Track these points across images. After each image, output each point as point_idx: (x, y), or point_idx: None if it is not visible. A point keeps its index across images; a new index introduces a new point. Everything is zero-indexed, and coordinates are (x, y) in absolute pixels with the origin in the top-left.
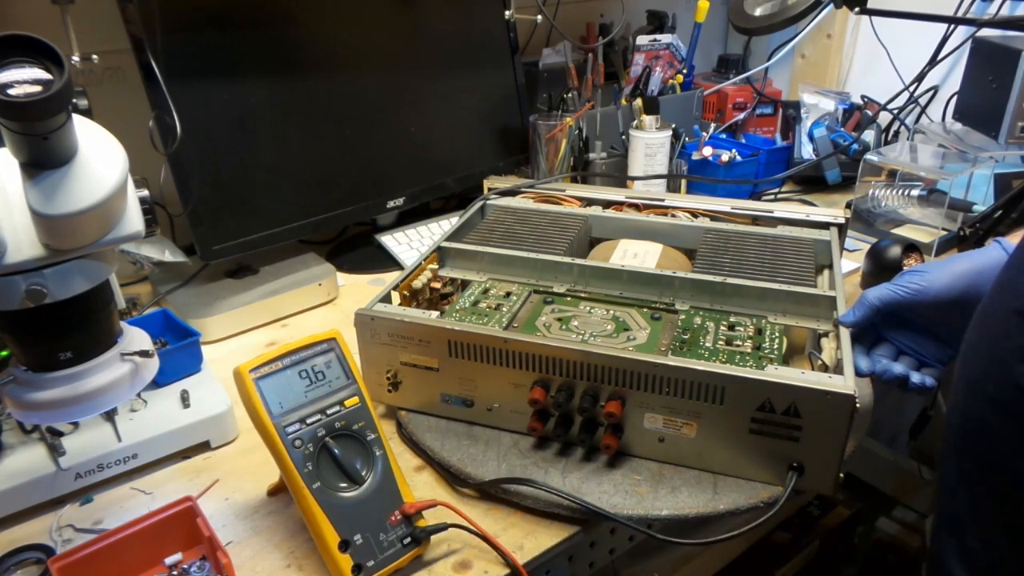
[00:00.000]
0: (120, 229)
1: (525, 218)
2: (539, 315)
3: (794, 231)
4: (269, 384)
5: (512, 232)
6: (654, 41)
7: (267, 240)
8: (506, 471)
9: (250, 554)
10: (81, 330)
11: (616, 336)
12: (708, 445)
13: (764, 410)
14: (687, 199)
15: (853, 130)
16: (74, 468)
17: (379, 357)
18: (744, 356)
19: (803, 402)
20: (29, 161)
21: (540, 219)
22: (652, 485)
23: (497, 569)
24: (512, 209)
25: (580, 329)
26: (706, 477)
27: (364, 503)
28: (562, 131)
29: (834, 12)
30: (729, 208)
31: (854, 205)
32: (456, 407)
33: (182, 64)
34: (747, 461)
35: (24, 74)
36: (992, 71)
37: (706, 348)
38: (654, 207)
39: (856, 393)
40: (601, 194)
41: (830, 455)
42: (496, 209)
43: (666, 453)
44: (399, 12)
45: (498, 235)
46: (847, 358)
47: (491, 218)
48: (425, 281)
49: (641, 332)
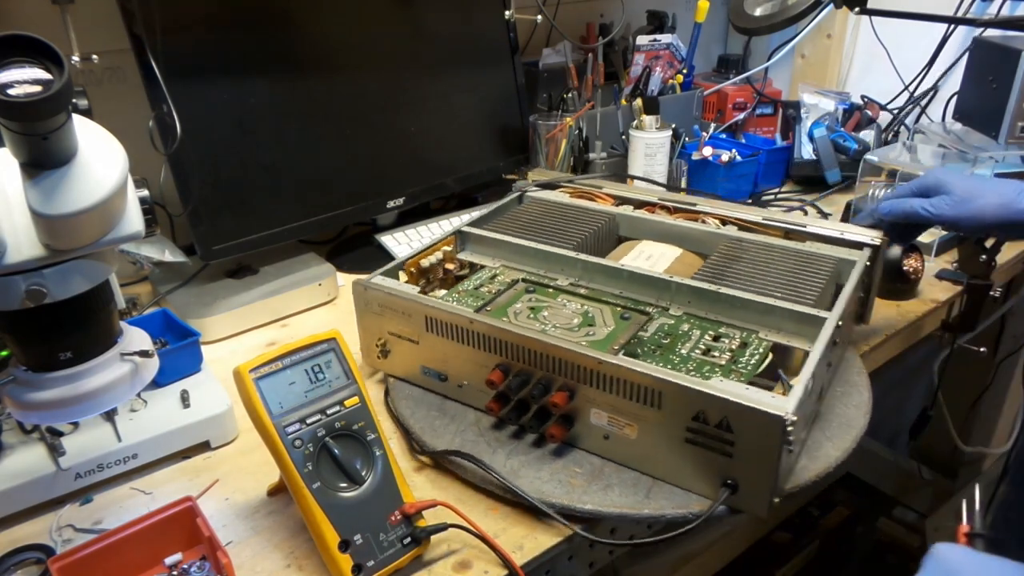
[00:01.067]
0: (120, 229)
1: (553, 211)
2: (515, 302)
3: (821, 248)
4: (269, 384)
5: (535, 223)
6: (654, 41)
7: (267, 240)
8: (458, 444)
9: (250, 554)
10: (81, 330)
11: (577, 330)
12: (647, 448)
13: (698, 420)
14: (720, 205)
15: (853, 130)
16: (74, 468)
17: (372, 325)
18: (714, 367)
19: (735, 417)
20: (29, 161)
21: (567, 213)
22: (588, 479)
23: (497, 569)
24: (545, 202)
25: (546, 320)
26: (644, 481)
27: (364, 503)
28: (562, 131)
29: (834, 12)
30: (761, 219)
31: (854, 205)
32: (433, 380)
33: (182, 64)
34: (683, 470)
35: (24, 74)
36: (992, 71)
37: (679, 355)
38: (685, 211)
39: (788, 416)
40: (636, 194)
41: (763, 476)
42: (531, 200)
43: (610, 451)
44: (399, 12)
45: (520, 224)
46: (801, 380)
47: (522, 208)
48: (435, 261)
49: (603, 329)
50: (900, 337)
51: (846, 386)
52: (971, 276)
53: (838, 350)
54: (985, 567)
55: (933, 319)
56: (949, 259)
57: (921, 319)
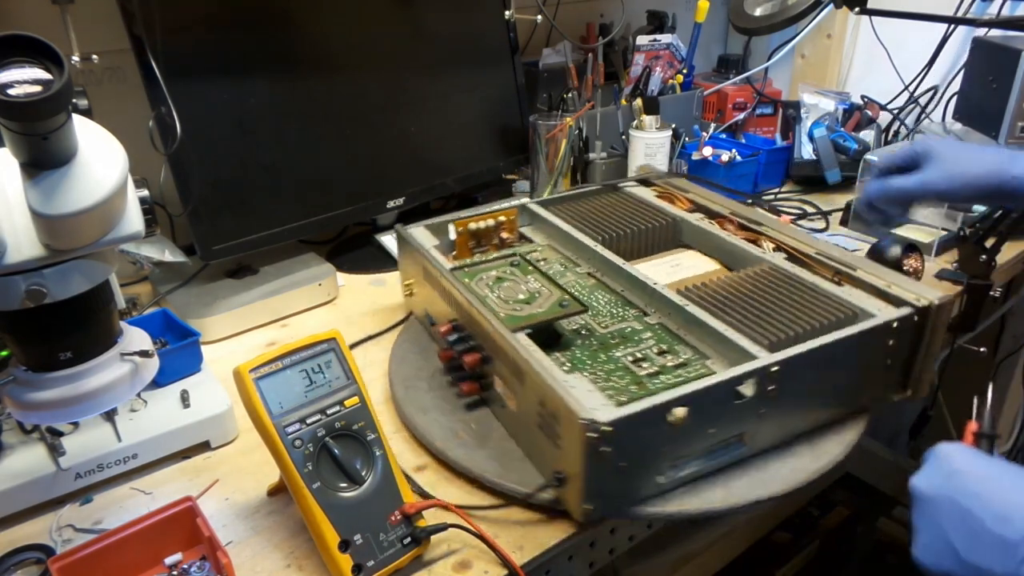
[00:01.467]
0: (120, 229)
1: (625, 206)
2: (491, 271)
3: (854, 296)
4: (269, 384)
5: (596, 213)
6: (654, 41)
7: (267, 240)
8: (412, 384)
9: (250, 554)
10: (81, 330)
11: (510, 303)
12: (519, 424)
13: (543, 407)
14: (787, 231)
15: (853, 130)
16: (74, 468)
17: (407, 267)
18: (628, 374)
19: (561, 413)
20: (29, 161)
21: (635, 210)
22: (475, 437)
23: (497, 569)
24: (629, 196)
25: (499, 290)
26: (516, 454)
27: (364, 503)
28: (562, 131)
29: (834, 12)
30: (814, 252)
31: (854, 205)
32: (428, 324)
33: (182, 64)
34: (538, 452)
35: (24, 74)
36: (992, 71)
37: (609, 355)
38: (749, 230)
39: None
40: (713, 204)
41: (576, 479)
42: (621, 193)
43: (503, 418)
44: (399, 12)
45: (582, 212)
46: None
47: (603, 198)
48: (488, 226)
49: (533, 309)
50: None
51: None
52: (971, 276)
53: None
54: (988, 469)
55: None
56: (949, 259)
57: None
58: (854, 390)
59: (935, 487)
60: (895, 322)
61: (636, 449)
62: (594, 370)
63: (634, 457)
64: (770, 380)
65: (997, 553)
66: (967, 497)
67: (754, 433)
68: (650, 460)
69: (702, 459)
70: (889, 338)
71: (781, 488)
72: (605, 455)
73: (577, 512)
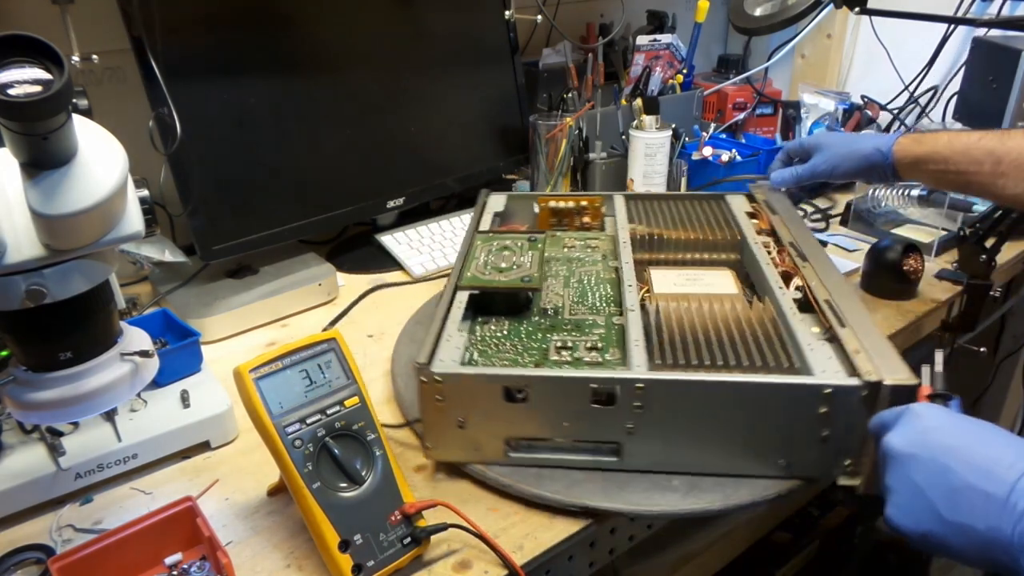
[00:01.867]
0: (120, 229)
1: (703, 212)
2: (507, 240)
3: (820, 353)
4: (269, 384)
5: (668, 213)
6: (654, 41)
7: (267, 240)
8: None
9: (250, 554)
10: (81, 330)
11: (488, 268)
12: None
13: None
14: (823, 269)
15: (853, 130)
16: (74, 468)
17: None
18: (539, 352)
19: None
20: (29, 161)
21: (709, 218)
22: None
23: (497, 569)
24: (720, 204)
25: (492, 256)
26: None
27: (364, 503)
28: (562, 131)
29: (834, 12)
30: (824, 300)
31: (854, 205)
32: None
33: (182, 64)
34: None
35: (24, 74)
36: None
37: (546, 337)
38: (789, 265)
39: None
40: (781, 229)
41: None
42: (715, 200)
43: None
44: (399, 12)
45: (656, 209)
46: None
47: (694, 202)
48: (570, 207)
49: (498, 277)
50: (900, 337)
51: None
52: (971, 276)
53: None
54: (961, 424)
55: (933, 319)
56: (949, 259)
57: (921, 319)
58: (775, 451)
59: (912, 444)
60: (827, 388)
61: (473, 410)
62: (516, 342)
63: (472, 418)
64: (634, 395)
65: (979, 508)
66: (946, 452)
67: (631, 449)
68: (493, 428)
69: (567, 452)
70: (821, 405)
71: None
72: (440, 405)
73: (424, 452)
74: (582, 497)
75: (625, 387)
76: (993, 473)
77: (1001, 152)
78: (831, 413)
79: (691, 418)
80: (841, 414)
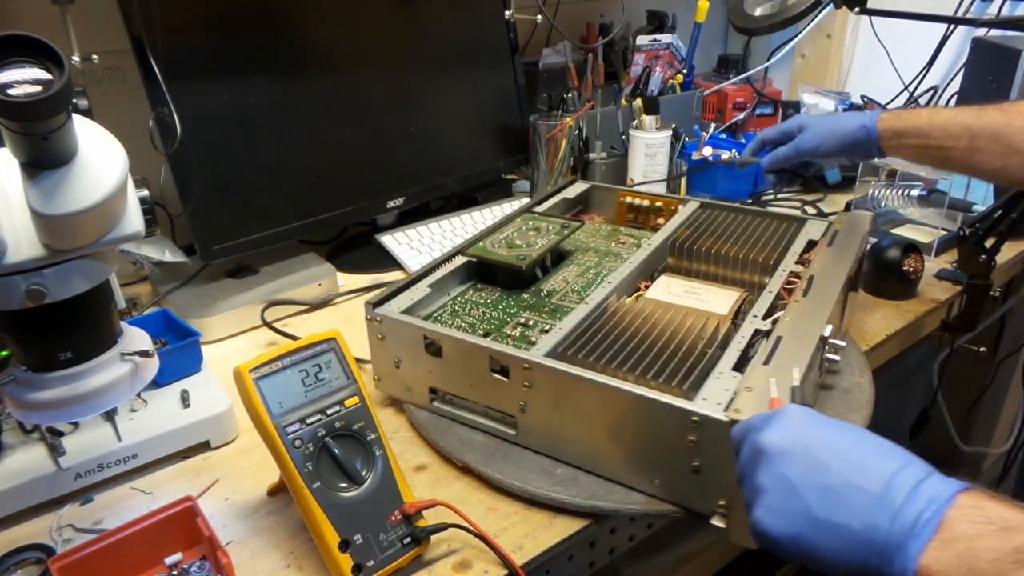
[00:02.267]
0: (120, 229)
1: (760, 231)
2: (532, 221)
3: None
4: (269, 384)
5: (720, 225)
6: (654, 41)
7: (267, 240)
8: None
9: (250, 554)
10: (81, 330)
11: (503, 241)
12: None
13: None
14: (827, 300)
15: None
16: (74, 468)
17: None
18: (496, 329)
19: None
20: (29, 161)
21: (760, 238)
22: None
23: (497, 569)
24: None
25: (517, 232)
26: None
27: (364, 503)
28: (562, 131)
29: (834, 12)
30: (778, 335)
31: (854, 205)
32: None
33: (182, 64)
34: None
35: (24, 74)
36: (992, 71)
37: (520, 312)
38: (788, 296)
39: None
40: (817, 267)
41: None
42: (789, 220)
43: None
44: (399, 12)
45: (710, 220)
46: None
47: (761, 219)
48: (641, 204)
49: (501, 251)
50: (900, 337)
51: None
52: (971, 276)
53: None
54: (832, 423)
55: (933, 319)
56: (949, 259)
57: (921, 319)
58: (650, 468)
59: (787, 440)
60: (695, 416)
61: (404, 354)
62: (489, 311)
63: (404, 361)
64: (523, 375)
65: (855, 505)
66: (822, 450)
67: (523, 425)
68: (419, 375)
69: (479, 415)
70: (690, 432)
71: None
72: (380, 342)
73: (375, 384)
74: (463, 452)
75: (515, 365)
76: (870, 469)
77: (976, 128)
78: (700, 443)
79: (574, 411)
80: (711, 447)
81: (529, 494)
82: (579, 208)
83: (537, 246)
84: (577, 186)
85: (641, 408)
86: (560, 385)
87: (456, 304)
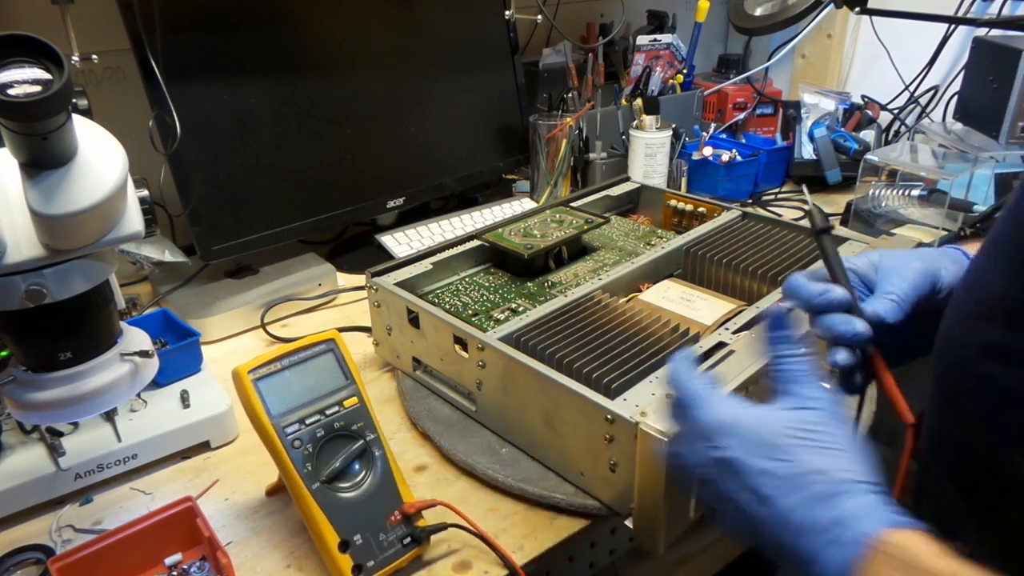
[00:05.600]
0: (120, 229)
1: (785, 246)
2: (572, 218)
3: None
4: (268, 385)
5: (763, 238)
6: (654, 41)
7: (267, 240)
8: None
9: (250, 554)
10: (81, 330)
11: (522, 230)
12: None
13: None
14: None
15: (853, 130)
16: (74, 468)
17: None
18: (463, 305)
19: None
20: (29, 161)
21: (786, 253)
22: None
23: (497, 569)
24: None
25: (540, 223)
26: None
27: (364, 503)
28: (562, 131)
29: (834, 12)
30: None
31: (854, 205)
32: None
33: (182, 64)
34: None
35: (24, 74)
36: (992, 71)
37: (514, 297)
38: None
39: (372, 276)
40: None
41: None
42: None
43: None
44: (399, 12)
45: (751, 232)
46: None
47: (796, 235)
48: (684, 208)
49: (513, 238)
50: None
51: None
52: None
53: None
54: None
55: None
56: None
57: None
58: (577, 460)
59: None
60: (609, 414)
61: (394, 322)
62: (489, 293)
63: (394, 329)
64: (477, 353)
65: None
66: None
67: (480, 402)
68: (404, 343)
69: (450, 388)
70: (607, 429)
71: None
72: (377, 310)
73: (374, 348)
74: (426, 422)
75: (472, 343)
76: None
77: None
78: (616, 441)
79: (518, 394)
80: (625, 446)
81: (469, 467)
82: (628, 207)
83: (551, 238)
84: (626, 184)
85: (571, 401)
86: (506, 368)
87: (462, 284)
